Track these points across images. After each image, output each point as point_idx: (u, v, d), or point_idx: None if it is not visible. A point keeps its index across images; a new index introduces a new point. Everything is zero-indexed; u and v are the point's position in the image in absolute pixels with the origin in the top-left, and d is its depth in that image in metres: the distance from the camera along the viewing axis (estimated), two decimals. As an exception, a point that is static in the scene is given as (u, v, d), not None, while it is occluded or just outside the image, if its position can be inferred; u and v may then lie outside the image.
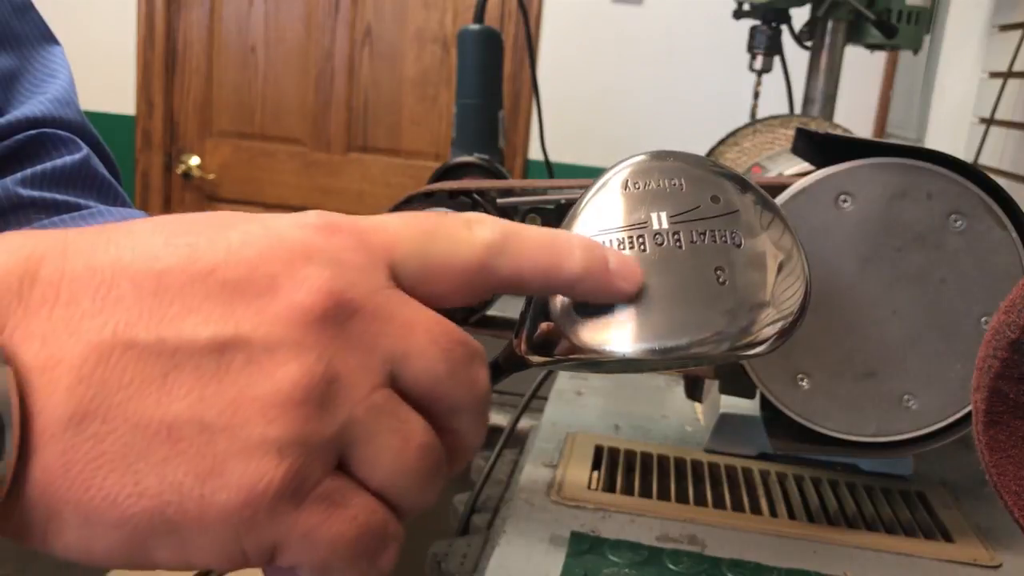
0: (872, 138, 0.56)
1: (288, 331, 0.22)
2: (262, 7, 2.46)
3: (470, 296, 0.27)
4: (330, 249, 0.24)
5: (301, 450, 0.22)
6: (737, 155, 0.94)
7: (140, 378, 0.21)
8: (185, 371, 0.22)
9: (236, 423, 0.22)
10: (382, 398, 0.23)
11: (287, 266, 0.23)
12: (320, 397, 0.22)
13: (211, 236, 0.23)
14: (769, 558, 0.51)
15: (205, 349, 0.22)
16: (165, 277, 0.22)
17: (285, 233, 0.24)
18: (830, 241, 0.51)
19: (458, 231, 0.26)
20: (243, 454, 0.22)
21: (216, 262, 0.23)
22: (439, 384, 0.25)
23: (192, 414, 0.21)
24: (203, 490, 0.21)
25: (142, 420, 0.21)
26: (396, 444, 0.24)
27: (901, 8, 1.08)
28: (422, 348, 0.24)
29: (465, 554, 0.56)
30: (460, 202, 0.58)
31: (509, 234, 0.27)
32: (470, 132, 1.03)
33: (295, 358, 0.22)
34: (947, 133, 1.40)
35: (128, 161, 2.52)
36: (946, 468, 0.65)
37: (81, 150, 0.52)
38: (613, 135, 2.32)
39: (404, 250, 0.25)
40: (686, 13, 2.22)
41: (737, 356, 0.30)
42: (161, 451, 0.21)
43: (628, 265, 0.29)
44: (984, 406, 0.37)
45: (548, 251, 0.27)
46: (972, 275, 0.51)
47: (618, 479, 0.60)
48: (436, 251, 0.26)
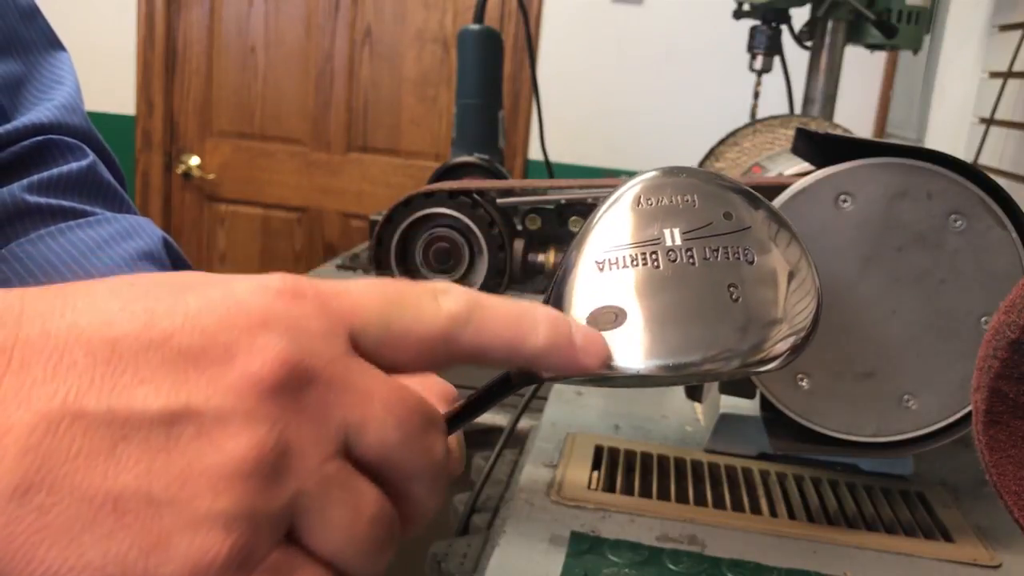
0: (872, 138, 0.56)
1: (240, 402, 0.22)
2: (262, 7, 2.46)
3: (432, 366, 0.27)
4: (289, 316, 0.24)
5: (249, 523, 0.22)
6: (737, 155, 0.94)
7: (88, 449, 0.21)
8: (134, 443, 0.21)
9: (183, 496, 0.21)
10: (334, 469, 0.23)
11: (244, 334, 0.23)
12: (270, 469, 0.22)
13: (170, 302, 0.23)
14: (769, 558, 0.51)
15: (155, 420, 0.22)
16: (119, 344, 0.22)
17: (244, 299, 0.24)
18: (830, 241, 0.51)
19: (423, 301, 0.26)
20: (189, 528, 0.21)
21: (172, 329, 0.22)
22: (393, 453, 0.24)
23: (139, 487, 0.21)
24: (147, 564, 0.21)
25: (88, 492, 0.21)
26: (347, 515, 0.23)
27: (901, 8, 1.08)
28: (377, 417, 0.24)
29: (465, 554, 0.56)
30: (460, 202, 0.58)
31: (474, 307, 0.27)
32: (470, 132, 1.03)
33: (246, 430, 0.22)
34: (947, 133, 1.40)
35: (128, 161, 2.53)
36: (946, 468, 0.65)
37: (87, 157, 0.53)
38: (613, 135, 2.32)
39: (366, 317, 0.25)
40: (686, 13, 2.22)
41: (749, 372, 0.30)
42: (106, 524, 0.21)
43: (594, 341, 0.29)
44: (984, 406, 0.37)
45: (512, 326, 0.27)
46: (972, 275, 0.51)
47: (618, 479, 0.60)
48: (399, 320, 0.26)
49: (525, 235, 0.61)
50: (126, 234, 0.50)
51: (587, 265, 0.31)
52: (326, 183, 2.51)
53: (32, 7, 0.55)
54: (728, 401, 0.63)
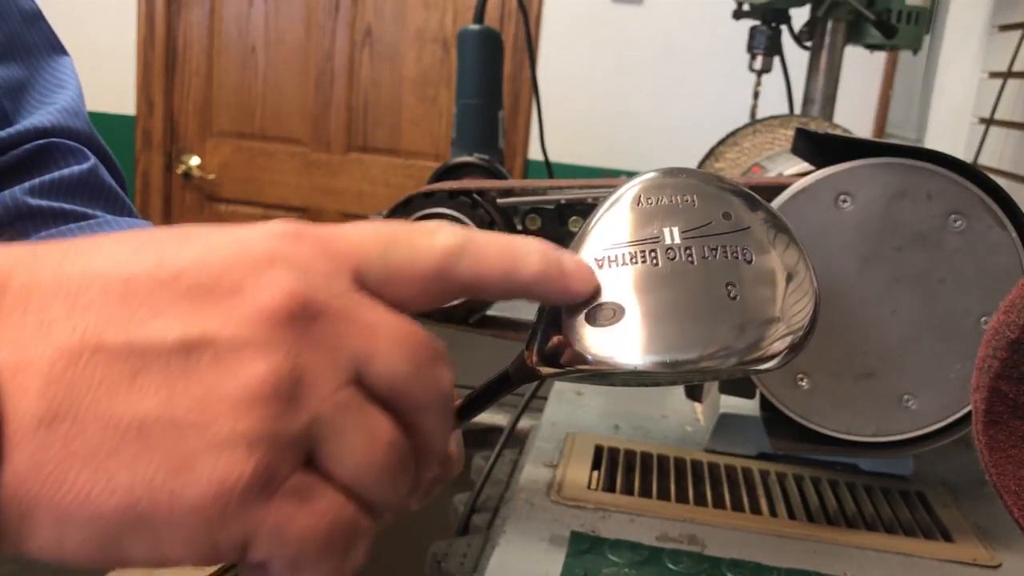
0: (872, 138, 0.56)
1: (254, 331, 0.23)
2: (262, 7, 2.46)
3: (434, 300, 0.28)
4: (295, 255, 0.24)
5: (270, 445, 0.22)
6: (737, 155, 0.94)
7: (109, 379, 0.22)
8: (153, 371, 0.22)
9: (205, 420, 0.22)
10: (348, 396, 0.24)
11: (252, 271, 0.24)
12: (287, 393, 0.23)
13: (177, 246, 0.24)
14: (769, 558, 0.51)
15: (173, 349, 0.22)
16: (132, 282, 0.23)
17: (250, 241, 0.24)
18: (830, 241, 0.51)
19: (419, 238, 0.27)
20: (213, 450, 0.22)
21: (182, 268, 0.23)
22: (403, 383, 0.25)
23: (161, 412, 0.22)
24: (174, 485, 0.22)
25: (112, 419, 0.22)
26: (363, 440, 0.24)
27: (901, 8, 1.08)
28: (386, 349, 0.25)
29: (465, 554, 0.56)
30: (460, 202, 0.58)
31: (467, 240, 0.28)
32: (470, 132, 1.03)
33: (261, 356, 0.23)
34: (947, 133, 1.40)
35: (128, 161, 2.52)
36: (946, 468, 0.65)
37: (88, 160, 0.53)
38: (613, 135, 2.32)
39: (367, 256, 0.26)
40: (686, 13, 2.22)
41: (747, 371, 0.31)
42: (132, 449, 0.22)
43: (583, 269, 0.30)
44: (984, 406, 0.37)
45: (505, 255, 0.28)
46: (972, 275, 0.51)
47: (618, 479, 0.60)
48: (397, 257, 0.26)
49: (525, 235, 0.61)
50: None
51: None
52: (326, 183, 2.51)
53: (35, 11, 0.55)
54: (728, 401, 0.63)
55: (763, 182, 0.55)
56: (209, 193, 2.58)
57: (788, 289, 0.32)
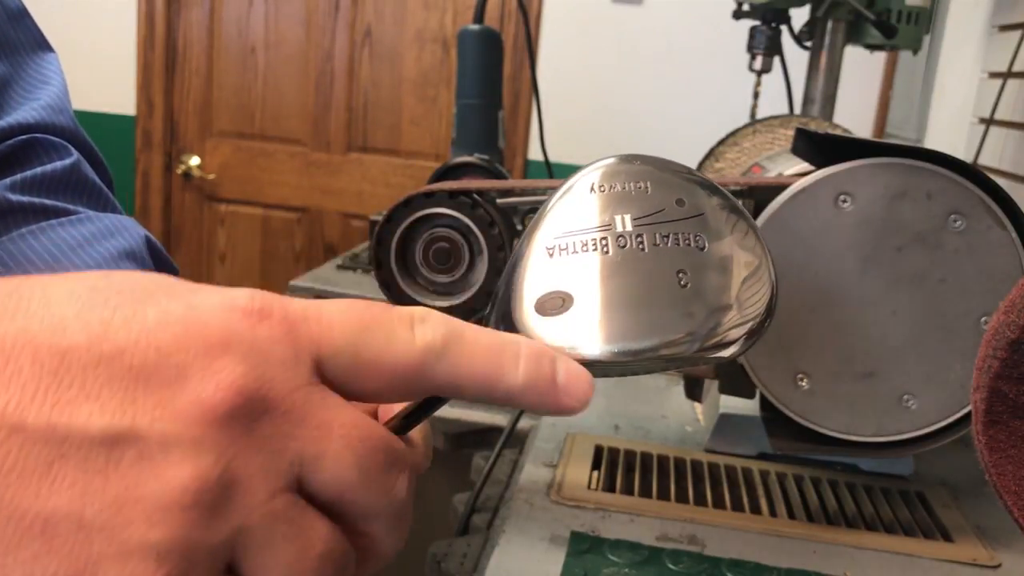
0: (872, 138, 0.56)
1: (187, 429, 0.21)
2: (262, 8, 2.46)
3: (402, 397, 0.26)
4: (252, 339, 0.23)
5: (182, 557, 0.21)
6: (737, 155, 0.94)
7: (22, 465, 0.20)
8: (71, 462, 0.20)
9: (117, 523, 0.20)
10: (283, 504, 0.22)
11: (201, 356, 0.22)
12: (212, 502, 0.21)
13: (128, 312, 0.22)
14: (769, 558, 0.51)
15: (95, 441, 0.21)
16: (68, 355, 0.21)
17: (206, 316, 0.22)
18: (830, 241, 0.51)
19: (397, 328, 0.25)
20: (119, 557, 0.20)
21: (126, 343, 0.21)
22: (350, 491, 0.23)
23: (71, 509, 0.20)
24: None
25: (17, 511, 0.20)
26: (293, 552, 0.22)
27: (901, 8, 1.08)
28: (335, 453, 0.23)
29: (465, 554, 0.56)
30: (460, 202, 0.58)
31: (452, 338, 0.25)
32: (470, 132, 1.03)
33: (190, 459, 0.21)
34: (947, 133, 1.40)
35: (128, 161, 2.53)
36: (946, 468, 0.65)
37: (71, 156, 0.52)
38: (613, 135, 2.32)
39: (335, 344, 0.24)
40: (686, 13, 2.22)
41: (707, 358, 0.30)
42: (33, 546, 0.20)
43: (578, 379, 0.27)
44: (984, 406, 0.37)
45: (491, 361, 0.26)
46: (972, 275, 0.51)
47: (618, 479, 0.60)
48: (370, 348, 0.24)
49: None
50: (108, 233, 0.49)
51: (538, 251, 0.31)
52: (326, 183, 2.51)
53: (20, 8, 0.54)
54: (728, 401, 0.63)
55: (763, 182, 0.55)
56: (209, 193, 2.58)
57: (743, 276, 0.31)
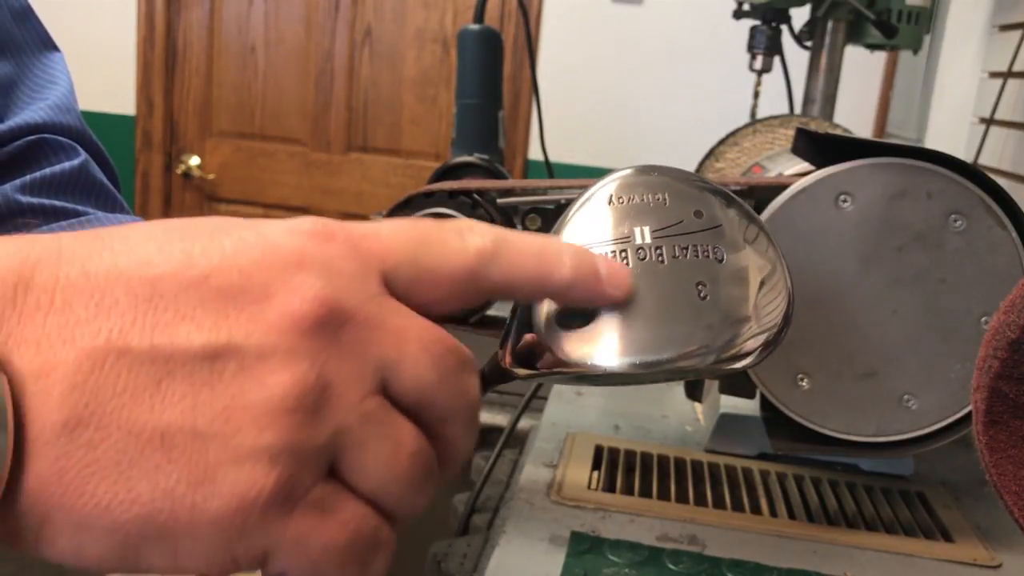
0: (872, 138, 0.56)
1: (280, 339, 0.23)
2: (262, 7, 2.46)
3: (464, 302, 0.27)
4: (323, 257, 0.24)
5: (292, 457, 0.22)
6: (737, 155, 0.94)
7: (133, 385, 0.21)
8: (178, 378, 0.22)
9: (228, 431, 0.22)
10: (373, 405, 0.24)
11: (281, 273, 0.23)
12: (312, 405, 0.22)
13: (206, 242, 0.23)
14: (769, 558, 0.51)
15: (198, 356, 0.22)
16: (159, 284, 0.22)
17: (279, 240, 0.24)
18: (830, 241, 0.51)
19: (450, 239, 0.26)
20: (234, 462, 0.22)
21: (210, 268, 0.23)
22: (429, 391, 0.25)
23: (184, 421, 0.22)
24: (195, 497, 0.22)
25: (135, 427, 0.21)
26: (387, 451, 0.24)
27: (901, 8, 1.08)
28: (413, 356, 0.24)
29: (465, 554, 0.56)
30: (460, 202, 0.58)
31: (500, 241, 0.27)
32: (470, 132, 1.03)
33: (287, 366, 0.22)
34: (947, 133, 1.40)
35: (128, 161, 2.52)
36: (946, 468, 0.65)
37: (79, 156, 0.53)
38: (613, 135, 2.32)
39: (397, 258, 0.25)
40: (686, 13, 2.22)
41: (723, 370, 0.31)
42: (154, 458, 0.21)
43: (618, 272, 0.29)
44: (984, 406, 0.37)
45: (538, 259, 0.28)
46: (972, 275, 0.51)
47: (618, 479, 0.60)
48: (428, 259, 0.26)
49: None
50: None
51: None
52: (326, 183, 2.51)
53: (25, 8, 0.54)
54: (728, 401, 0.63)
55: (763, 182, 0.55)
56: (209, 193, 2.58)
57: (760, 287, 0.32)
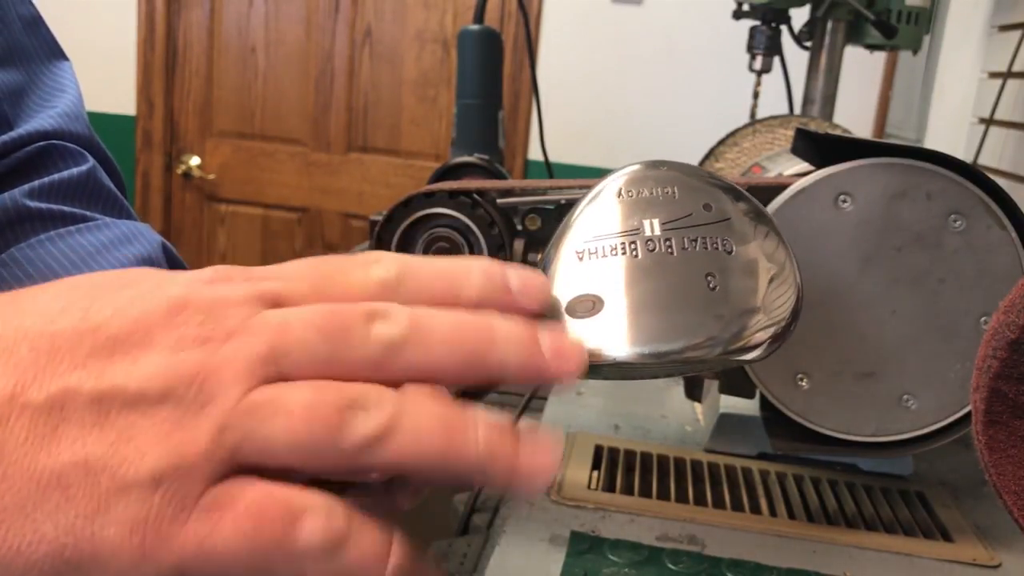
0: (872, 138, 0.56)
1: (157, 375, 0.24)
2: (262, 8, 2.46)
3: None
4: (210, 297, 0.26)
5: (175, 473, 0.24)
6: (737, 155, 0.94)
7: (34, 435, 0.24)
8: (72, 422, 0.24)
9: (115, 463, 0.24)
10: (255, 397, 0.25)
11: (164, 318, 0.25)
12: (191, 424, 0.24)
13: (106, 298, 0.26)
14: (769, 558, 0.51)
15: (88, 400, 0.24)
16: (58, 338, 0.25)
17: (171, 290, 0.26)
18: (830, 241, 0.51)
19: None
20: (123, 490, 0.24)
21: (103, 320, 0.25)
22: (324, 359, 0.26)
23: (77, 460, 0.24)
24: (92, 528, 0.23)
25: (35, 473, 0.23)
26: (280, 425, 0.25)
27: (901, 8, 1.08)
28: (296, 338, 0.26)
29: (465, 554, 0.56)
30: (460, 202, 0.58)
31: (405, 268, 0.28)
32: (470, 132, 1.03)
33: (165, 397, 0.24)
34: (947, 133, 1.40)
35: (128, 161, 2.53)
36: (946, 468, 0.65)
37: (87, 162, 0.53)
38: (613, 135, 2.32)
39: (287, 289, 0.27)
40: (686, 13, 2.22)
41: (731, 361, 0.31)
42: (53, 498, 0.23)
43: (532, 282, 0.28)
44: (983, 406, 0.37)
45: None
46: (972, 275, 0.51)
47: (618, 479, 0.60)
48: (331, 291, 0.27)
49: (525, 235, 0.61)
50: (125, 239, 0.51)
51: (568, 255, 0.31)
52: (326, 183, 2.51)
53: (35, 17, 0.55)
54: (728, 401, 0.63)
55: (763, 182, 0.55)
56: (209, 193, 2.58)
57: (769, 280, 0.32)
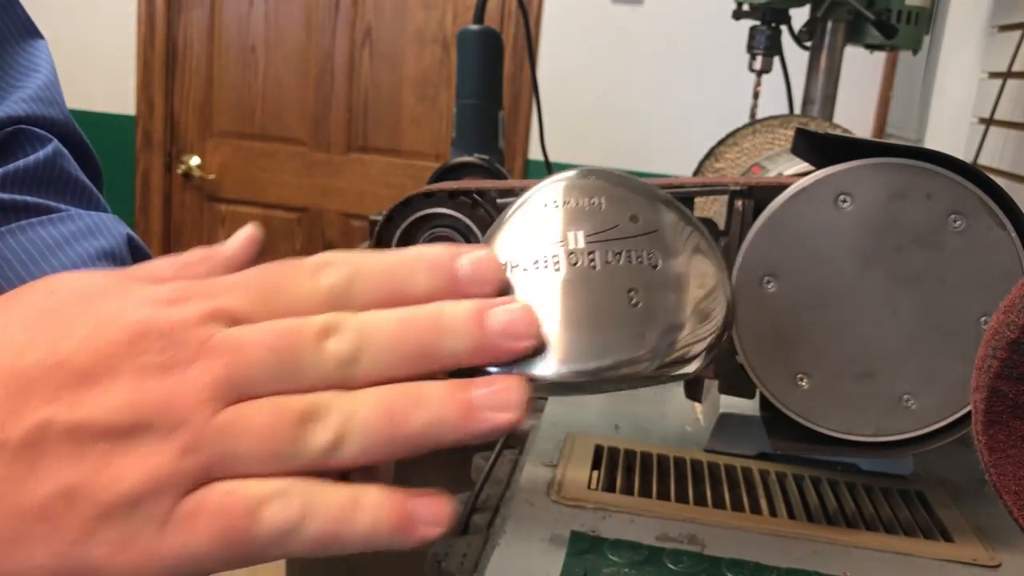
0: (872, 138, 0.56)
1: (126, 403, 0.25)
2: (262, 7, 2.46)
3: None
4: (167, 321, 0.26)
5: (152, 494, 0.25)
6: (737, 155, 0.94)
7: (14, 471, 0.25)
8: (49, 456, 0.25)
9: (95, 489, 0.25)
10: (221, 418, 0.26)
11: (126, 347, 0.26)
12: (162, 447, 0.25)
13: (69, 327, 0.26)
14: (769, 558, 0.51)
15: (62, 432, 0.25)
16: (28, 373, 0.25)
17: (130, 315, 0.26)
18: (830, 241, 0.51)
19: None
20: (106, 514, 0.25)
21: (69, 352, 0.26)
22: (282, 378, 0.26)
23: (59, 490, 0.25)
24: (82, 552, 0.25)
25: (19, 509, 0.24)
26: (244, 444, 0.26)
27: (901, 8, 1.08)
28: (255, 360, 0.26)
29: (465, 554, 0.56)
30: (460, 202, 0.58)
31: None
32: (470, 132, 1.03)
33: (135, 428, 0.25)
34: (947, 133, 1.40)
35: (128, 161, 2.52)
36: (946, 468, 0.65)
37: (46, 147, 0.50)
38: (613, 135, 2.32)
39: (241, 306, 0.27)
40: (686, 13, 2.22)
41: (670, 375, 0.30)
42: (41, 530, 0.25)
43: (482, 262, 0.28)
44: (984, 406, 0.37)
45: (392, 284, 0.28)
46: (972, 275, 0.51)
47: (618, 479, 0.60)
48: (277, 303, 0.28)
49: None
50: (88, 232, 0.49)
51: None
52: (326, 183, 2.51)
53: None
54: (728, 401, 0.63)
55: (763, 182, 0.55)
56: (209, 193, 2.58)
57: (697, 292, 0.31)
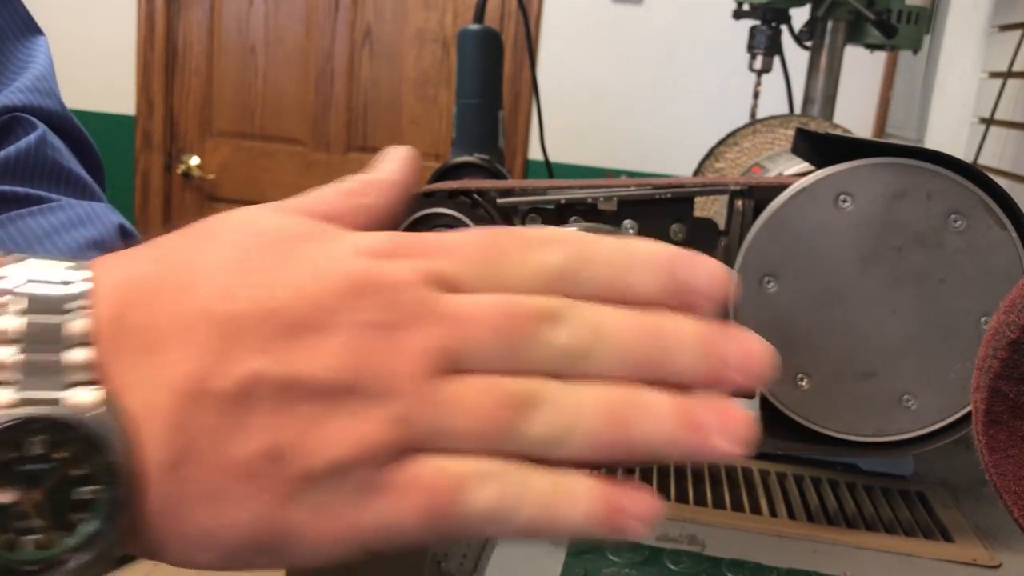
0: (872, 138, 0.56)
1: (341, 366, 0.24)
2: (262, 7, 2.46)
3: None
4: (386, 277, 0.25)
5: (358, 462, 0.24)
6: (737, 155, 0.94)
7: (222, 424, 0.24)
8: (257, 412, 0.24)
9: (302, 453, 0.24)
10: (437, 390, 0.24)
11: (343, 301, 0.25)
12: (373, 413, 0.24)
13: (283, 273, 0.25)
14: (769, 558, 0.51)
15: (273, 388, 0.24)
16: (240, 320, 0.24)
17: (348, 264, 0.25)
18: (830, 241, 0.51)
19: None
20: (310, 479, 0.24)
21: (284, 301, 0.24)
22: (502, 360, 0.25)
23: (265, 450, 0.24)
24: (282, 515, 0.24)
25: (225, 463, 0.24)
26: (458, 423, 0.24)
27: (901, 8, 1.08)
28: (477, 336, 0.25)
29: (465, 554, 0.56)
30: (460, 202, 0.58)
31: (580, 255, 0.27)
32: (470, 132, 1.03)
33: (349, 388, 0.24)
34: (947, 133, 1.40)
35: (128, 161, 2.52)
36: (946, 468, 0.65)
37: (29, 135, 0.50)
38: (613, 135, 2.32)
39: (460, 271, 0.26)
40: (686, 13, 2.22)
41: None
42: (244, 488, 0.24)
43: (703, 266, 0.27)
44: (984, 406, 0.37)
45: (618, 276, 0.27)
46: (972, 275, 0.51)
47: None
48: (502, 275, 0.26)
49: None
50: (78, 221, 0.49)
51: None
52: (326, 183, 2.51)
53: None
54: (728, 401, 0.63)
55: (763, 182, 0.55)
56: (209, 193, 2.58)
57: None
